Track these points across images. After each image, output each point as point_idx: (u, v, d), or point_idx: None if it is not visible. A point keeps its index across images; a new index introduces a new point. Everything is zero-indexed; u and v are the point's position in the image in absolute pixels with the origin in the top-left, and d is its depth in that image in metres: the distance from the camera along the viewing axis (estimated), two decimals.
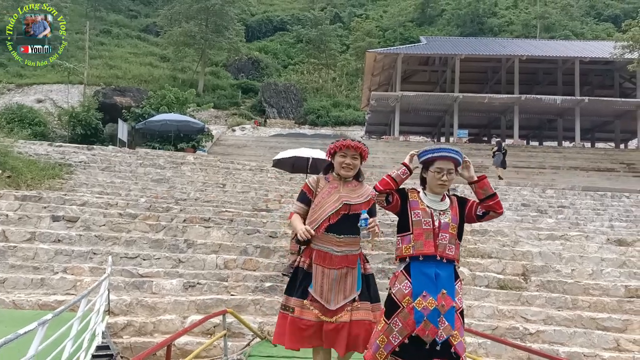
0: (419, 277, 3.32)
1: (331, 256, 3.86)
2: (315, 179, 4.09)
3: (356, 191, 4.00)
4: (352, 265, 3.91)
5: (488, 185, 3.45)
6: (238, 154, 25.89)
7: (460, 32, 53.88)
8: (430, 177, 3.47)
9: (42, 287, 8.65)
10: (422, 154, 3.50)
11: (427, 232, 3.37)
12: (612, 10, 61.96)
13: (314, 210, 3.96)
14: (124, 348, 7.30)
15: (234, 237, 10.95)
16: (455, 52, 33.18)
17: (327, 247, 3.88)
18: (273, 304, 8.48)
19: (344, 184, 4.01)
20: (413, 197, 3.52)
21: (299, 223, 3.96)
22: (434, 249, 3.34)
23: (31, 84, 37.04)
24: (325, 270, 3.86)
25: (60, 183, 14.09)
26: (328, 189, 3.99)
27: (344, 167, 3.97)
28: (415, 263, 3.37)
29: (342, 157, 3.99)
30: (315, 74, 51.48)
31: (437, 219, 3.41)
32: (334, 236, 3.87)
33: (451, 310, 3.29)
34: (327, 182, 4.05)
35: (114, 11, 58.72)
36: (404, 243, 3.43)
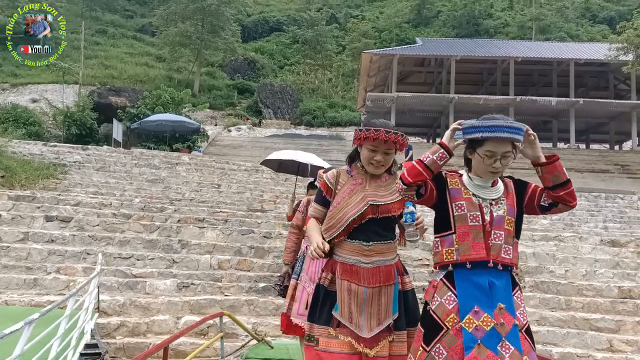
0: (467, 288, 2.56)
1: (359, 269, 2.99)
2: (334, 174, 3.23)
3: (387, 187, 3.13)
4: (388, 282, 3.01)
5: (560, 169, 2.59)
6: (233, 154, 25.87)
7: (456, 34, 53.94)
8: (477, 161, 2.66)
9: (35, 287, 8.62)
10: (468, 129, 2.63)
11: (475, 230, 2.59)
12: (607, 12, 62.18)
13: (332, 214, 3.11)
14: (116, 349, 7.28)
15: (229, 238, 10.95)
16: (451, 53, 33.24)
17: (353, 258, 3.01)
18: (267, 305, 8.49)
19: (370, 178, 3.14)
20: (453, 184, 2.72)
21: (315, 233, 3.12)
22: (486, 253, 2.57)
23: (26, 84, 36.89)
24: (352, 287, 2.97)
25: (54, 183, 14.05)
26: (350, 187, 3.13)
27: (372, 163, 3.08)
28: (460, 271, 2.60)
29: (372, 151, 3.07)
30: (311, 75, 51.47)
31: (488, 211, 2.64)
32: (360, 244, 3.02)
33: (514, 330, 2.50)
34: (350, 176, 3.18)
35: (110, 11, 58.55)
36: (445, 246, 2.65)
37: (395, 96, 31.68)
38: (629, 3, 58.38)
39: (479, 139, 2.59)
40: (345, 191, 3.12)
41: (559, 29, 56.30)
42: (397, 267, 3.10)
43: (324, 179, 3.25)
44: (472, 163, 2.71)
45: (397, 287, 3.06)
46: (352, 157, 3.25)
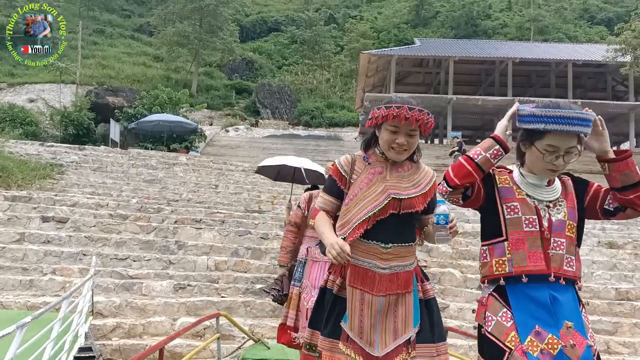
0: (525, 304, 2.15)
1: (374, 275, 2.56)
2: (348, 160, 2.75)
3: (410, 178, 2.68)
4: (406, 289, 2.61)
5: (633, 167, 2.21)
6: (231, 154, 25.83)
7: (454, 34, 53.99)
8: (534, 157, 2.25)
9: (31, 288, 8.57)
10: (526, 118, 2.21)
11: (531, 236, 2.20)
12: (605, 13, 62.28)
13: (348, 208, 2.64)
14: (112, 350, 7.24)
15: (225, 239, 10.92)
16: (449, 54, 33.25)
17: (367, 262, 2.58)
18: (264, 306, 8.45)
19: (391, 167, 2.67)
20: (503, 182, 2.34)
21: (328, 231, 2.61)
22: (545, 264, 2.16)
23: (23, 84, 36.83)
24: (365, 297, 2.56)
25: (51, 183, 14.00)
26: (368, 176, 2.66)
27: (394, 147, 2.60)
28: (515, 286, 2.20)
29: (393, 132, 2.59)
30: (309, 75, 51.47)
31: (546, 215, 2.24)
32: (377, 245, 2.58)
33: (587, 354, 2.10)
34: (367, 164, 2.71)
35: (108, 11, 58.49)
36: (495, 255, 2.26)
37: (393, 97, 31.67)
38: (627, 4, 58.49)
39: (540, 131, 2.16)
40: (362, 181, 2.65)
41: (557, 30, 56.39)
42: (416, 273, 2.68)
43: (337, 165, 2.75)
44: (527, 158, 2.29)
45: (417, 294, 2.65)
46: (369, 141, 2.76)
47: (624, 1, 61.49)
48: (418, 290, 2.66)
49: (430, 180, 2.69)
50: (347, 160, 2.74)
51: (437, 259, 10.70)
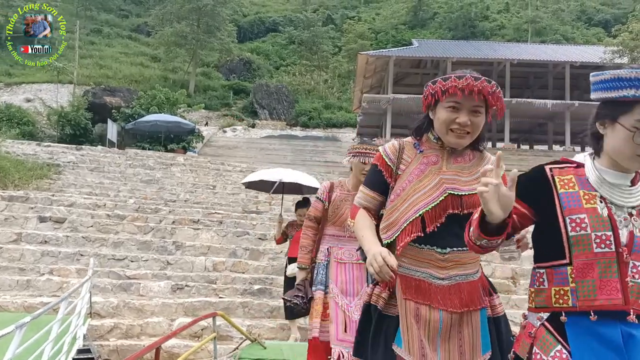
0: (589, 344, 1.59)
1: (429, 287, 2.07)
2: (395, 147, 2.26)
3: (472, 170, 2.18)
4: (472, 306, 2.10)
5: None
6: (229, 155, 25.81)
7: (452, 36, 54.04)
8: (619, 139, 1.61)
9: (28, 288, 8.55)
10: (605, 84, 1.66)
11: (604, 259, 1.60)
12: (603, 15, 62.42)
13: (394, 206, 2.16)
14: (110, 351, 7.22)
15: (223, 239, 10.90)
16: (447, 55, 33.26)
17: (420, 272, 2.09)
18: (261, 307, 8.44)
19: (449, 156, 2.19)
20: (566, 186, 1.69)
21: (369, 235, 2.15)
22: (622, 297, 1.58)
23: (20, 83, 36.73)
24: (422, 311, 2.07)
25: (48, 183, 13.96)
26: (420, 166, 2.18)
27: (454, 129, 2.11)
28: (579, 320, 1.62)
29: (453, 110, 2.10)
30: (307, 76, 51.45)
31: (626, 227, 1.63)
32: (433, 251, 2.08)
33: None
34: (419, 152, 2.22)
35: (105, 10, 58.39)
36: (554, 282, 1.67)
37: (391, 98, 31.68)
38: (624, 6, 58.64)
39: (628, 100, 1.56)
40: (412, 173, 2.16)
41: (554, 31, 56.49)
42: (482, 285, 2.17)
43: (382, 153, 2.26)
44: (608, 142, 1.65)
45: (485, 312, 2.14)
46: (420, 127, 2.28)
47: (621, 3, 61.67)
48: (486, 306, 2.16)
49: None
50: (394, 147, 2.25)
51: None
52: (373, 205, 2.28)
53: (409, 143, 2.27)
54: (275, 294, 8.91)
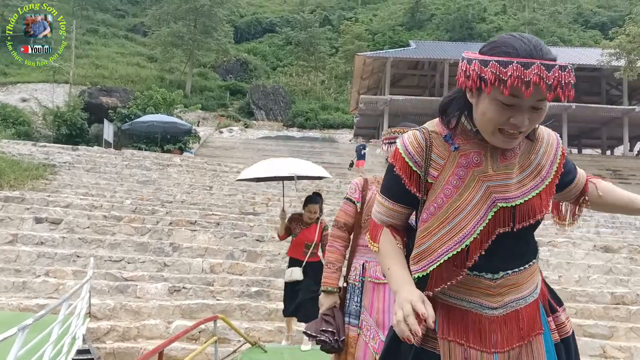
0: None
1: (480, 320, 1.60)
2: (420, 142, 1.62)
3: (523, 163, 1.61)
4: (532, 332, 1.62)
5: None
6: (225, 156, 25.73)
7: (449, 37, 54.15)
8: None
9: (24, 290, 8.48)
10: None
11: None
12: (599, 17, 62.63)
13: (429, 229, 1.59)
14: (106, 353, 7.16)
15: (220, 241, 10.85)
16: (444, 56, 33.29)
17: (467, 302, 1.61)
18: (259, 310, 8.39)
19: (493, 151, 1.57)
20: None
21: (399, 270, 1.63)
22: None
23: (15, 83, 36.61)
24: (471, 355, 1.60)
25: (43, 184, 13.88)
26: (457, 170, 1.58)
27: (505, 130, 1.49)
28: None
29: (506, 107, 1.46)
30: (304, 77, 51.48)
31: None
32: (482, 278, 1.59)
33: None
34: (453, 148, 1.59)
35: (101, 10, 58.28)
36: None
37: (389, 99, 31.68)
38: (620, 9, 58.87)
39: None
40: (449, 181, 1.56)
41: (551, 33, 56.65)
42: (543, 301, 1.69)
43: (402, 152, 1.62)
44: None
45: (549, 336, 1.66)
46: (448, 108, 1.62)
47: (618, 6, 61.92)
48: (549, 328, 1.67)
49: (555, 153, 1.66)
50: (419, 144, 1.60)
51: None
52: (399, 220, 1.71)
53: (438, 135, 1.61)
54: (273, 297, 8.86)
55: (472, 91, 1.50)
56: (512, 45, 1.42)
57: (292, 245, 6.45)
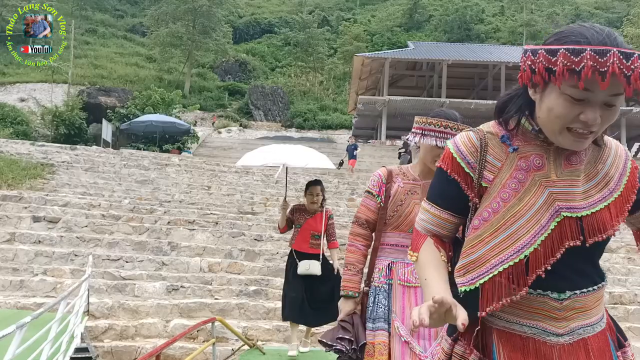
0: None
1: (544, 349, 1.38)
2: (474, 142, 1.47)
3: (589, 171, 1.44)
4: None
5: None
6: (224, 156, 25.73)
7: (447, 38, 54.19)
8: None
9: (22, 289, 8.47)
10: None
11: None
12: (597, 19, 62.68)
13: (481, 236, 1.40)
14: (104, 352, 7.15)
15: (219, 240, 10.84)
16: (443, 57, 33.35)
17: (528, 325, 1.40)
18: (257, 309, 8.38)
19: (556, 154, 1.41)
20: None
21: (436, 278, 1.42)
22: None
23: (14, 83, 36.54)
24: None
25: (42, 183, 13.86)
26: (517, 174, 1.41)
27: (574, 129, 1.32)
28: None
29: (575, 102, 1.28)
30: (302, 77, 51.48)
31: None
32: (546, 297, 1.38)
33: None
34: (511, 150, 1.44)
35: (100, 10, 58.20)
36: None
37: (387, 100, 31.72)
38: (618, 10, 59.02)
39: None
40: (506, 185, 1.39)
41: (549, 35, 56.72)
42: (609, 332, 1.49)
43: (454, 152, 1.46)
44: None
45: None
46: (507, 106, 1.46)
47: (615, 7, 62.06)
48: (616, 352, 1.47)
49: (624, 165, 1.47)
50: (473, 144, 1.44)
51: None
52: (447, 230, 1.50)
53: (494, 136, 1.45)
54: (271, 296, 8.86)
55: (536, 86, 1.34)
56: (582, 34, 1.27)
57: (298, 236, 5.86)
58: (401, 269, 2.60)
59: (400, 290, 2.56)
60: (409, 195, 2.65)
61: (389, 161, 23.47)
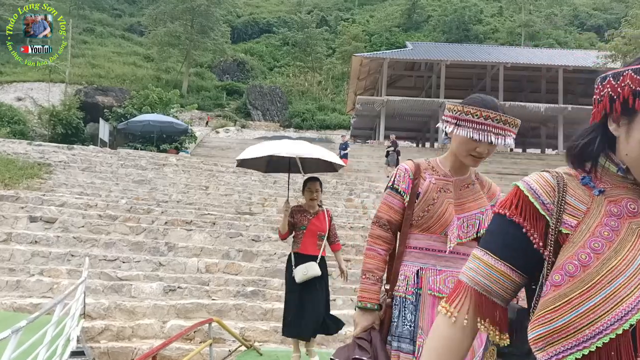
0: None
1: None
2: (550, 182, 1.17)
3: None
4: None
5: None
6: (222, 156, 25.67)
7: (446, 39, 54.22)
8: None
9: (18, 289, 8.42)
10: None
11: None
12: (595, 20, 62.82)
13: (568, 296, 1.03)
14: (101, 353, 7.11)
15: (216, 241, 10.81)
16: (441, 58, 33.32)
17: None
18: (255, 309, 8.35)
19: None
20: None
21: None
22: None
23: (11, 82, 36.47)
24: None
25: (39, 183, 13.80)
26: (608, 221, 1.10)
27: None
28: None
29: None
30: (300, 77, 51.47)
31: None
32: None
33: None
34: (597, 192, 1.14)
35: (98, 9, 58.13)
36: None
37: (385, 100, 31.69)
38: (616, 11, 59.05)
39: None
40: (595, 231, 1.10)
41: (547, 35, 56.83)
42: None
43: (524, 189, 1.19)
44: None
45: None
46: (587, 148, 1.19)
47: (614, 8, 62.10)
48: None
49: None
50: (548, 183, 1.18)
51: None
52: (502, 288, 1.18)
53: (572, 177, 1.18)
54: (268, 296, 8.83)
55: (620, 119, 1.10)
56: None
57: (304, 238, 5.41)
58: (432, 276, 2.23)
59: (430, 302, 2.19)
60: (441, 193, 2.28)
61: None
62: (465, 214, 2.26)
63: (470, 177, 2.36)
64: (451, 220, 2.22)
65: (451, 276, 2.19)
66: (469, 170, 2.35)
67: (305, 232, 5.43)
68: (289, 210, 5.50)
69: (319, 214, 5.53)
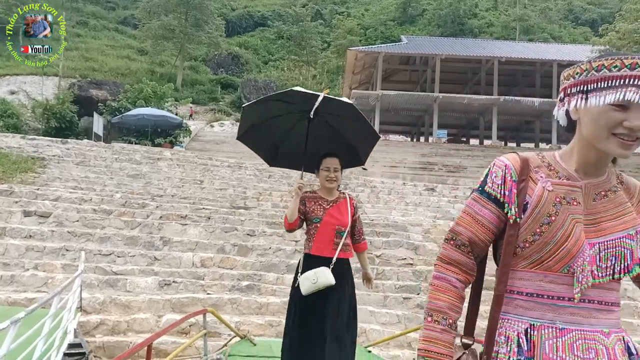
0: None
1: None
2: None
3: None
4: None
5: None
6: (216, 150, 25.64)
7: (441, 33, 54.18)
8: None
9: (12, 284, 8.41)
10: None
11: None
12: (590, 14, 62.94)
13: None
14: (96, 347, 7.13)
15: (211, 235, 10.81)
16: (436, 52, 33.32)
17: None
18: (250, 304, 8.38)
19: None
20: None
21: None
22: None
23: (4, 75, 36.21)
24: None
25: (32, 177, 13.75)
26: None
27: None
28: None
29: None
30: (295, 71, 51.34)
31: None
32: None
33: None
34: None
35: (91, 2, 57.76)
36: None
37: (380, 94, 31.68)
38: (610, 6, 59.17)
39: None
40: None
41: (542, 29, 56.90)
42: None
43: None
44: None
45: None
46: None
47: (608, 3, 62.23)
48: None
49: None
50: None
51: (423, 257, 10.71)
52: None
53: None
54: (263, 291, 8.85)
55: None
56: None
57: (318, 235, 3.84)
58: (550, 339, 1.43)
59: (556, 336, 1.43)
60: (563, 205, 1.48)
61: (381, 155, 23.50)
62: (602, 239, 1.47)
63: (609, 180, 1.53)
64: (580, 248, 1.45)
65: (582, 339, 1.42)
66: (606, 169, 1.53)
67: (319, 226, 3.86)
68: (302, 190, 3.90)
69: (340, 202, 3.98)
